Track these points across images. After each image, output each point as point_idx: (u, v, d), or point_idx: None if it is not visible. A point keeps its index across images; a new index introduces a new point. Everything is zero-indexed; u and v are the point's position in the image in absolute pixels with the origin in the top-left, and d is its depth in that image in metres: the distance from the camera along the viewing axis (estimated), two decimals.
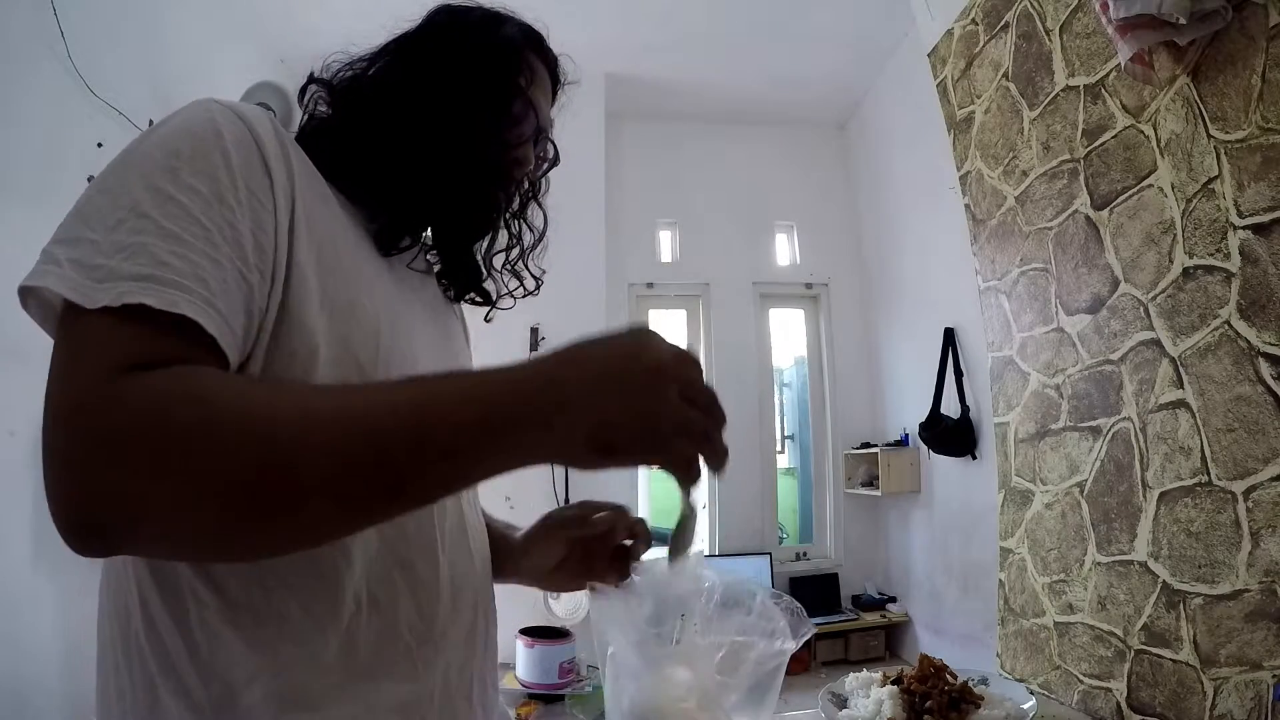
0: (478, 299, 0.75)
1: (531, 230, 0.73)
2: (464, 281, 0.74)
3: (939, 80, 2.19)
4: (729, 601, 0.51)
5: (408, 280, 0.63)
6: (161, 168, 0.42)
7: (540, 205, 0.74)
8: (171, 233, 0.40)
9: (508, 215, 0.71)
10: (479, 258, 0.73)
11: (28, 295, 0.41)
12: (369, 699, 0.50)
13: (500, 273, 0.74)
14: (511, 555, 0.71)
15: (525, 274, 0.74)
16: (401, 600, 0.52)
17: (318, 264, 0.48)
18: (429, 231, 0.69)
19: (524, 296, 0.75)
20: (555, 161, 0.72)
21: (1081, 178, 1.64)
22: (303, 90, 0.63)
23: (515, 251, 0.73)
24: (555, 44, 0.70)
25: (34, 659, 1.53)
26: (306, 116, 0.62)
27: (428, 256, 0.69)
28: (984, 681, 1.38)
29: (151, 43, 2.10)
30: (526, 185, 0.71)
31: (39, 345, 0.42)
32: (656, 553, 0.62)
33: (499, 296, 0.76)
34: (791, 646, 0.49)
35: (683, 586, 0.51)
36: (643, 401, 0.41)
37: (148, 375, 0.37)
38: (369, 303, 0.53)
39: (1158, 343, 1.43)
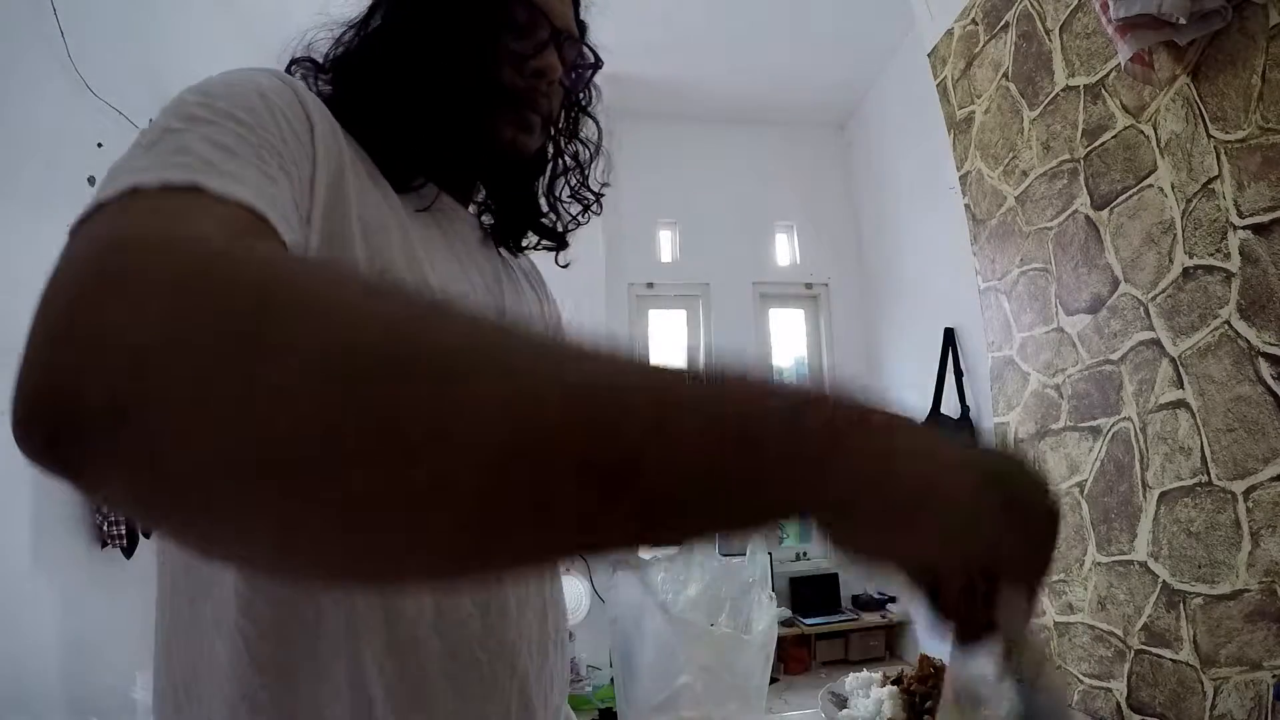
0: (548, 243, 0.69)
1: (586, 145, 0.68)
2: (520, 224, 0.67)
3: (939, 80, 2.19)
4: None
5: (460, 248, 0.59)
6: (194, 104, 0.38)
7: (591, 116, 0.69)
8: (218, 143, 0.35)
9: (562, 139, 0.66)
10: (540, 193, 0.67)
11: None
12: None
13: (565, 203, 0.68)
14: None
15: (587, 195, 0.69)
16: (470, 620, 0.48)
17: (358, 219, 0.46)
18: (484, 190, 0.66)
19: (587, 220, 0.70)
20: (597, 65, 0.66)
21: (1081, 178, 1.64)
22: (289, 69, 0.58)
23: (574, 175, 0.68)
24: None
25: (34, 658, 1.53)
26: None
27: (483, 223, 0.65)
28: None
29: (151, 43, 2.09)
30: (570, 100, 0.65)
31: None
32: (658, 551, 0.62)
33: (565, 230, 0.70)
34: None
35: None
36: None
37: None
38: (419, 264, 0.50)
39: (1158, 343, 1.43)
